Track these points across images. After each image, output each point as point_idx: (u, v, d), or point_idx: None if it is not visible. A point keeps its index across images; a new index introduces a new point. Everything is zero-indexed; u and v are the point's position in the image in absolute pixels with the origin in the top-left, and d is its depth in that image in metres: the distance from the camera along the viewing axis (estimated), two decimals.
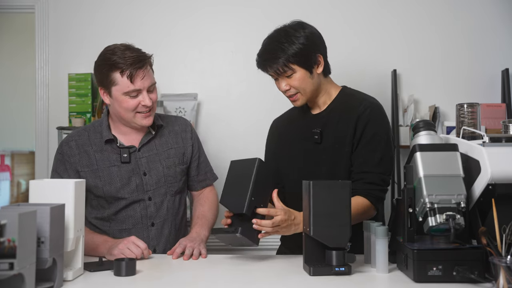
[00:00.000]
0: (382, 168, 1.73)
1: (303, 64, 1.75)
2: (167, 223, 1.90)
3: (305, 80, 1.77)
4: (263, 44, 1.82)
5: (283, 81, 1.78)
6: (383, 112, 1.81)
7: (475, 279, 1.30)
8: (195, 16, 3.07)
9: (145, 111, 1.80)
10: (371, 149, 1.74)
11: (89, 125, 1.96)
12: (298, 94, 1.80)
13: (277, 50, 1.74)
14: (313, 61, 1.77)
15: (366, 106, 1.78)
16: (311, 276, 1.42)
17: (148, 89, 1.80)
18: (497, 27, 3.04)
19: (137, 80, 1.76)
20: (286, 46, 1.74)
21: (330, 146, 1.80)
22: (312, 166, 1.83)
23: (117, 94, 1.78)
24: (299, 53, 1.74)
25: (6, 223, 1.08)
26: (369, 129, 1.75)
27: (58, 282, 1.30)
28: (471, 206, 1.42)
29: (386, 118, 1.82)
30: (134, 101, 1.78)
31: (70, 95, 2.95)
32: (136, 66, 1.75)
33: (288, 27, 1.79)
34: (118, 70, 1.75)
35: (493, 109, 2.81)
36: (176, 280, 1.46)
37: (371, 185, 1.72)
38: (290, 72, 1.75)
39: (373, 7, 3.06)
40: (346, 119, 1.79)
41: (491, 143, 1.40)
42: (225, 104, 3.05)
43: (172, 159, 1.92)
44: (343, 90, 1.89)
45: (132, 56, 1.75)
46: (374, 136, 1.75)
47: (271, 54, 1.76)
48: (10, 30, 5.43)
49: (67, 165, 1.84)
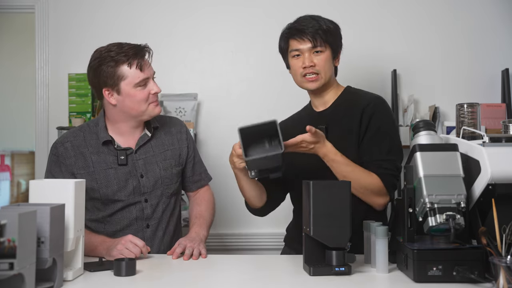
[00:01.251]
0: (394, 154, 1.75)
1: (333, 47, 1.82)
2: (161, 225, 1.90)
3: (328, 63, 1.82)
4: (298, 19, 1.86)
5: (310, 57, 1.80)
6: (387, 105, 1.83)
7: (475, 279, 1.30)
8: (195, 16, 3.07)
9: (155, 99, 1.83)
10: (380, 138, 1.76)
11: (84, 125, 1.93)
12: (318, 75, 1.81)
13: (315, 23, 1.80)
14: (338, 49, 1.86)
15: (370, 100, 1.81)
16: (311, 276, 1.42)
17: (152, 77, 1.83)
18: (497, 27, 3.04)
19: (145, 68, 1.79)
20: (322, 22, 1.81)
21: (337, 141, 1.78)
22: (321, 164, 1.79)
23: (127, 88, 1.77)
24: (333, 32, 1.83)
25: (6, 223, 1.07)
26: (375, 120, 1.76)
27: (58, 282, 1.30)
28: (471, 206, 1.42)
29: (390, 111, 1.84)
30: (145, 91, 1.80)
31: (70, 95, 2.95)
32: (140, 55, 1.78)
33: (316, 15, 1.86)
34: (125, 63, 1.76)
35: (493, 109, 2.81)
36: (176, 280, 1.46)
37: (386, 170, 1.72)
38: (322, 48, 1.80)
39: (373, 7, 3.06)
40: (350, 113, 1.80)
41: (491, 143, 1.40)
42: (225, 104, 3.05)
43: (169, 161, 1.92)
44: (347, 89, 1.92)
45: (131, 47, 1.78)
46: (380, 128, 1.76)
47: (310, 24, 1.80)
48: (10, 30, 5.43)
49: (62, 167, 1.83)
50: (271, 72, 3.00)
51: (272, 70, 2.99)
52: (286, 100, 2.95)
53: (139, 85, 1.77)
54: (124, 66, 1.76)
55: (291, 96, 2.94)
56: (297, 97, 2.15)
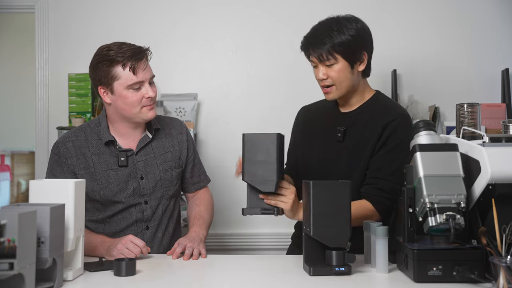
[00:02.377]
0: (396, 178, 1.68)
1: (347, 57, 1.73)
2: (161, 227, 1.90)
3: (344, 74, 1.74)
4: (312, 28, 1.79)
5: (322, 69, 1.75)
6: (410, 124, 1.76)
7: (475, 279, 1.30)
8: (195, 16, 3.07)
9: (149, 103, 1.81)
10: (391, 158, 1.72)
11: (85, 125, 1.93)
12: (333, 86, 1.77)
13: (325, 36, 1.72)
14: (357, 56, 1.75)
15: (395, 116, 1.76)
16: (311, 276, 1.42)
17: (149, 81, 1.81)
18: (497, 27, 3.04)
19: (139, 71, 1.76)
20: (335, 34, 1.71)
21: (352, 147, 1.77)
22: (331, 161, 1.81)
23: (120, 89, 1.77)
24: (346, 43, 1.71)
25: (6, 223, 1.07)
26: (393, 138, 1.73)
27: (58, 282, 1.30)
28: (471, 206, 1.42)
29: (410, 130, 1.78)
30: (138, 95, 1.78)
31: (70, 95, 2.95)
32: (136, 57, 1.76)
33: (341, 18, 1.78)
34: (119, 64, 1.75)
35: (493, 109, 2.81)
36: (176, 280, 1.46)
37: (380, 192, 1.71)
38: (332, 61, 1.72)
39: (373, 7, 3.06)
40: (373, 124, 1.77)
41: (491, 143, 1.40)
42: (225, 104, 3.05)
43: (169, 163, 1.91)
44: (376, 95, 1.87)
45: (130, 49, 1.77)
46: (396, 146, 1.72)
47: (318, 39, 1.73)
48: (10, 30, 5.44)
49: (64, 166, 1.83)
50: (271, 72, 3.00)
51: (272, 70, 2.99)
52: (286, 100, 2.96)
53: (131, 87, 1.77)
54: (119, 66, 1.75)
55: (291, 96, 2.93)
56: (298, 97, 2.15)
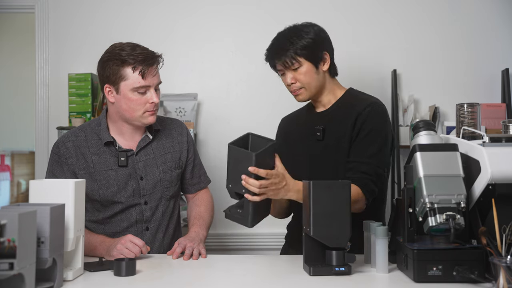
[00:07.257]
0: (376, 160, 1.74)
1: (310, 58, 1.81)
2: (161, 227, 1.90)
3: (310, 75, 1.82)
4: (272, 40, 1.88)
5: (289, 74, 1.83)
6: (384, 110, 1.82)
7: (475, 279, 1.30)
8: (195, 16, 3.07)
9: (152, 109, 1.81)
10: (367, 142, 1.76)
11: (85, 125, 1.93)
12: (302, 89, 1.84)
13: (286, 43, 1.81)
14: (320, 56, 1.83)
15: (367, 104, 1.80)
16: (311, 276, 1.42)
17: (155, 87, 1.81)
18: (497, 27, 3.04)
19: (148, 76, 1.77)
20: (295, 39, 1.81)
21: (332, 144, 1.82)
22: (317, 160, 1.85)
23: (125, 90, 1.77)
24: (307, 46, 1.80)
25: (6, 223, 1.08)
26: (367, 125, 1.77)
27: (58, 282, 1.30)
28: (471, 206, 1.42)
29: (386, 117, 1.83)
30: (142, 99, 1.78)
31: (70, 95, 2.94)
32: (148, 62, 1.77)
33: (298, 25, 1.87)
34: (130, 66, 1.75)
35: (493, 109, 2.81)
36: (176, 280, 1.46)
37: (363, 174, 1.72)
38: (297, 65, 1.80)
39: (373, 7, 3.06)
40: (347, 117, 1.81)
41: (491, 143, 1.40)
42: (225, 104, 3.05)
43: (169, 164, 1.91)
44: (348, 91, 1.92)
45: (143, 53, 1.77)
46: (371, 131, 1.77)
47: (280, 47, 1.82)
48: (10, 30, 5.44)
49: (64, 166, 1.82)
50: (271, 72, 2.99)
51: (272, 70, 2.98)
52: (286, 100, 2.95)
53: (137, 90, 1.77)
54: (129, 68, 1.75)
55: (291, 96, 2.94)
56: None
